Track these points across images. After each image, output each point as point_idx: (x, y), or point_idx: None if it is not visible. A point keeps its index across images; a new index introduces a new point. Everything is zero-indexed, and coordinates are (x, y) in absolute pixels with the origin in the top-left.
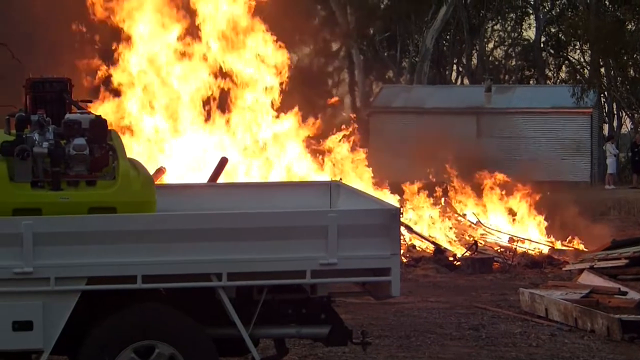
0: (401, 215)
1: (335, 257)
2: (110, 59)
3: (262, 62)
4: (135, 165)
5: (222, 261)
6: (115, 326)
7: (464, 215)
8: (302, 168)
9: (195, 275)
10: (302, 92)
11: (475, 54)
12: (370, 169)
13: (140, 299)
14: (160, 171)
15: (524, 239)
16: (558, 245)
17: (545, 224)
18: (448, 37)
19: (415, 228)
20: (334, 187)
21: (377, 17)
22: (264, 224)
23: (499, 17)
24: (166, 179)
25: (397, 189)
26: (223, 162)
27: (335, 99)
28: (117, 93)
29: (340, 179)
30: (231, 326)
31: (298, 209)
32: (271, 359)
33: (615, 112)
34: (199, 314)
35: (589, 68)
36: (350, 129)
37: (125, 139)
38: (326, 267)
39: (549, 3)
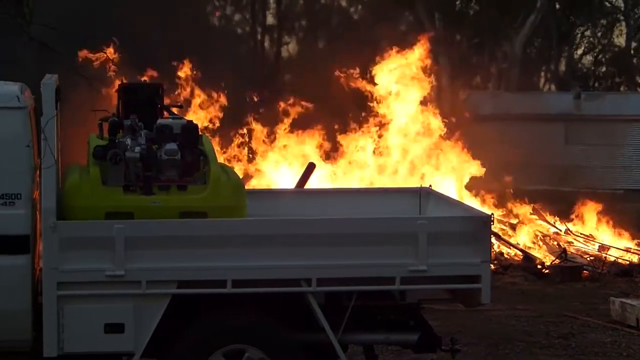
0: (492, 223)
1: (425, 264)
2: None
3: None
4: (225, 170)
5: (311, 267)
6: (205, 330)
7: (553, 224)
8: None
9: (285, 280)
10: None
11: (564, 60)
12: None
13: (230, 304)
14: (310, 168)
15: (614, 247)
16: None
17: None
18: (536, 43)
19: (503, 235)
20: (424, 194)
21: (465, 23)
22: (353, 230)
23: (589, 24)
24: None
25: (487, 196)
26: (311, 167)
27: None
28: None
29: (430, 185)
30: (320, 332)
31: (387, 215)
32: None
33: None
34: (287, 319)
35: None
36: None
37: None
38: (416, 273)
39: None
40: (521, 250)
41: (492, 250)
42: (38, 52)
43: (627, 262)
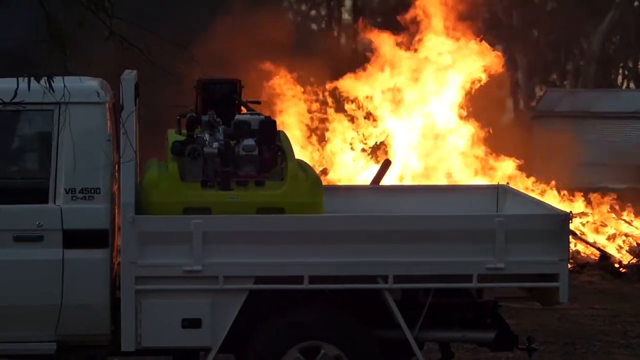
0: (570, 221)
1: (502, 262)
2: None
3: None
4: (303, 166)
5: (388, 263)
6: (282, 326)
7: (630, 222)
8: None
9: (361, 277)
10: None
11: None
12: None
13: (306, 300)
14: (386, 165)
15: None
16: None
17: None
18: (615, 39)
19: (580, 234)
20: (501, 191)
21: (543, 20)
22: (431, 227)
23: None
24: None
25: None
26: (386, 164)
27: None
28: None
29: (508, 182)
30: (396, 329)
31: (464, 213)
32: None
33: None
34: (364, 315)
35: None
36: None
37: None
38: (493, 271)
39: None
40: (598, 248)
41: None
42: (118, 46)
43: None
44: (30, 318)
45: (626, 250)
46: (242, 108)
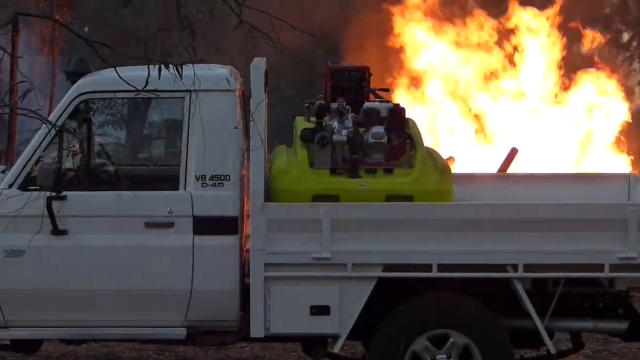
0: None
1: (635, 252)
2: None
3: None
4: (432, 154)
5: (518, 252)
6: (411, 313)
7: None
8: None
9: (491, 265)
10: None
11: None
12: None
13: (435, 288)
14: (513, 153)
15: None
16: None
17: None
18: None
19: None
20: (633, 180)
21: None
22: (562, 216)
23: None
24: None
25: None
26: (513, 152)
27: None
28: None
29: None
30: (525, 318)
31: (593, 201)
32: (566, 353)
33: None
34: (492, 304)
35: None
36: None
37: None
38: (625, 261)
39: None
40: None
41: None
42: (246, 34)
43: None
44: (161, 303)
45: None
46: (371, 96)
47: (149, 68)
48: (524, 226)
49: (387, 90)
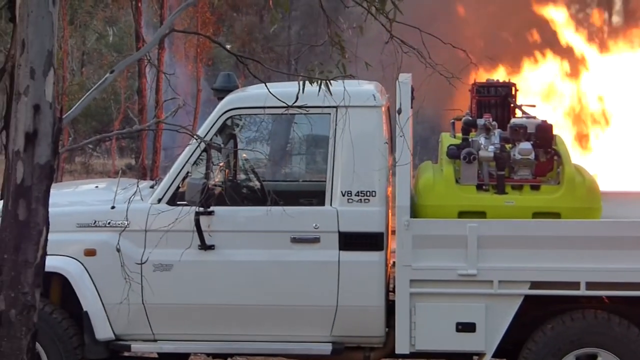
0: None
1: None
2: None
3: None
4: (580, 170)
5: None
6: (559, 332)
7: None
8: None
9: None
10: None
11: None
12: None
13: (583, 306)
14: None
15: None
16: None
17: None
18: None
19: None
20: None
21: None
22: None
23: None
24: None
25: None
26: None
27: None
28: None
29: None
30: None
31: None
32: None
33: None
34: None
35: None
36: None
37: None
38: None
39: None
40: None
41: None
42: (396, 49)
43: None
44: (307, 318)
45: None
46: (517, 111)
47: (299, 84)
48: None
49: (534, 106)
